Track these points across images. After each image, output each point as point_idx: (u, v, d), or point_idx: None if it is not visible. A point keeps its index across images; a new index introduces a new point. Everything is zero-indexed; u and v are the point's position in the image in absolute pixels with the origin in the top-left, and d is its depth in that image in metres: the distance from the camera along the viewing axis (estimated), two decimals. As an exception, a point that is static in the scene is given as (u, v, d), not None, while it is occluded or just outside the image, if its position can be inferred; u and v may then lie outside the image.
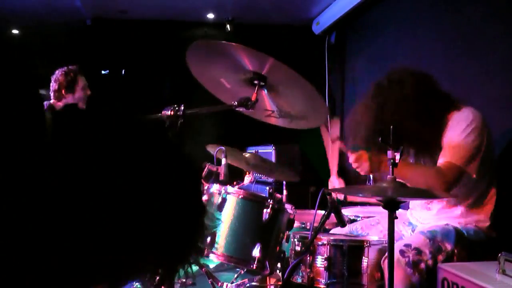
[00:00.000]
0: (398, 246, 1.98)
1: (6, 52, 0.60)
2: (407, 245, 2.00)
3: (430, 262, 1.96)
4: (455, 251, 2.03)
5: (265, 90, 2.08)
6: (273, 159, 4.10)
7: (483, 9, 2.85)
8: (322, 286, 2.01)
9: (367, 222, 2.45)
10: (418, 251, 1.98)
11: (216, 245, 2.07)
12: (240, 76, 2.05)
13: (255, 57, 1.93)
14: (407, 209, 2.51)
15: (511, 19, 2.62)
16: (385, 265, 1.96)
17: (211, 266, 2.67)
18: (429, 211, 2.28)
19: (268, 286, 2.37)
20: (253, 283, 2.43)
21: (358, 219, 2.70)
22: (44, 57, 6.10)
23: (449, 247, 2.04)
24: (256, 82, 2.01)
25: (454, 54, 3.10)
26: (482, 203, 2.18)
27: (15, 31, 5.50)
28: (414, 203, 2.42)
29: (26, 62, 0.60)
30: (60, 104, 3.45)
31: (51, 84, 3.45)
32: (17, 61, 0.63)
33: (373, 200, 2.60)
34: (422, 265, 1.96)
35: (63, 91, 3.42)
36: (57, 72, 3.47)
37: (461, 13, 3.03)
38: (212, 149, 2.55)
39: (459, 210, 2.18)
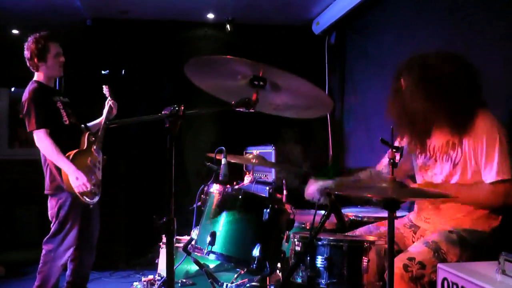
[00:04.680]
0: (401, 259, 1.97)
1: None
2: (411, 259, 1.99)
3: (433, 275, 1.94)
4: (461, 261, 2.02)
5: (267, 88, 2.08)
6: (273, 159, 4.10)
7: (483, 9, 2.85)
8: (322, 286, 2.01)
9: (366, 229, 2.45)
10: (422, 265, 1.97)
11: (216, 245, 2.07)
12: (240, 80, 2.06)
13: (249, 64, 1.94)
14: (409, 212, 2.50)
15: (511, 19, 2.62)
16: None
17: (211, 266, 2.67)
18: (439, 210, 2.26)
19: (268, 286, 2.36)
20: (253, 283, 2.43)
21: (358, 219, 2.70)
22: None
23: (454, 258, 2.04)
24: (256, 83, 2.02)
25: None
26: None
27: (15, 31, 5.49)
28: (422, 203, 2.39)
29: None
30: (40, 74, 3.31)
31: (24, 53, 3.31)
32: None
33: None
34: (426, 279, 1.95)
35: (35, 60, 3.28)
36: (29, 39, 3.33)
37: (461, 13, 3.03)
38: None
39: (468, 210, 2.17)
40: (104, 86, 3.50)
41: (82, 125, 3.46)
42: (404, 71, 2.29)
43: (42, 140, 3.13)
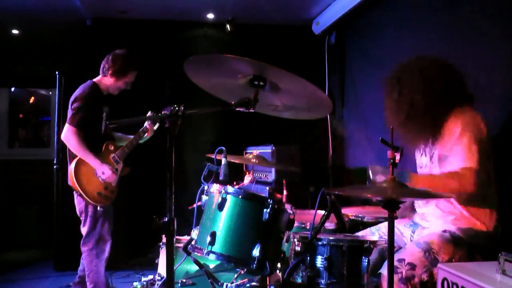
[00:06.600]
0: None
1: None
2: (401, 260, 1.99)
3: (424, 276, 1.96)
4: (453, 260, 2.02)
5: (267, 89, 2.08)
6: (273, 159, 4.11)
7: (483, 9, 2.85)
8: (322, 286, 2.01)
9: (368, 231, 2.45)
10: (412, 266, 1.97)
11: (216, 245, 2.07)
12: (240, 79, 2.06)
13: (250, 63, 1.94)
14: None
15: (511, 19, 2.62)
16: (382, 277, 1.97)
17: (211, 266, 2.67)
18: (438, 208, 2.26)
19: (268, 286, 2.36)
20: (253, 283, 2.43)
21: (358, 219, 2.70)
22: (44, 57, 6.11)
23: (446, 257, 2.03)
24: (256, 83, 2.01)
25: (454, 54, 3.10)
26: (490, 201, 2.16)
27: (15, 31, 5.49)
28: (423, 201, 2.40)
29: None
30: (102, 80, 3.42)
31: (111, 55, 3.42)
32: None
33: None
34: (416, 280, 1.95)
35: (110, 70, 3.39)
36: (122, 51, 3.45)
37: (461, 13, 3.03)
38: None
39: (463, 207, 2.17)
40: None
41: (109, 125, 3.51)
42: (394, 77, 2.37)
43: (69, 136, 3.23)
